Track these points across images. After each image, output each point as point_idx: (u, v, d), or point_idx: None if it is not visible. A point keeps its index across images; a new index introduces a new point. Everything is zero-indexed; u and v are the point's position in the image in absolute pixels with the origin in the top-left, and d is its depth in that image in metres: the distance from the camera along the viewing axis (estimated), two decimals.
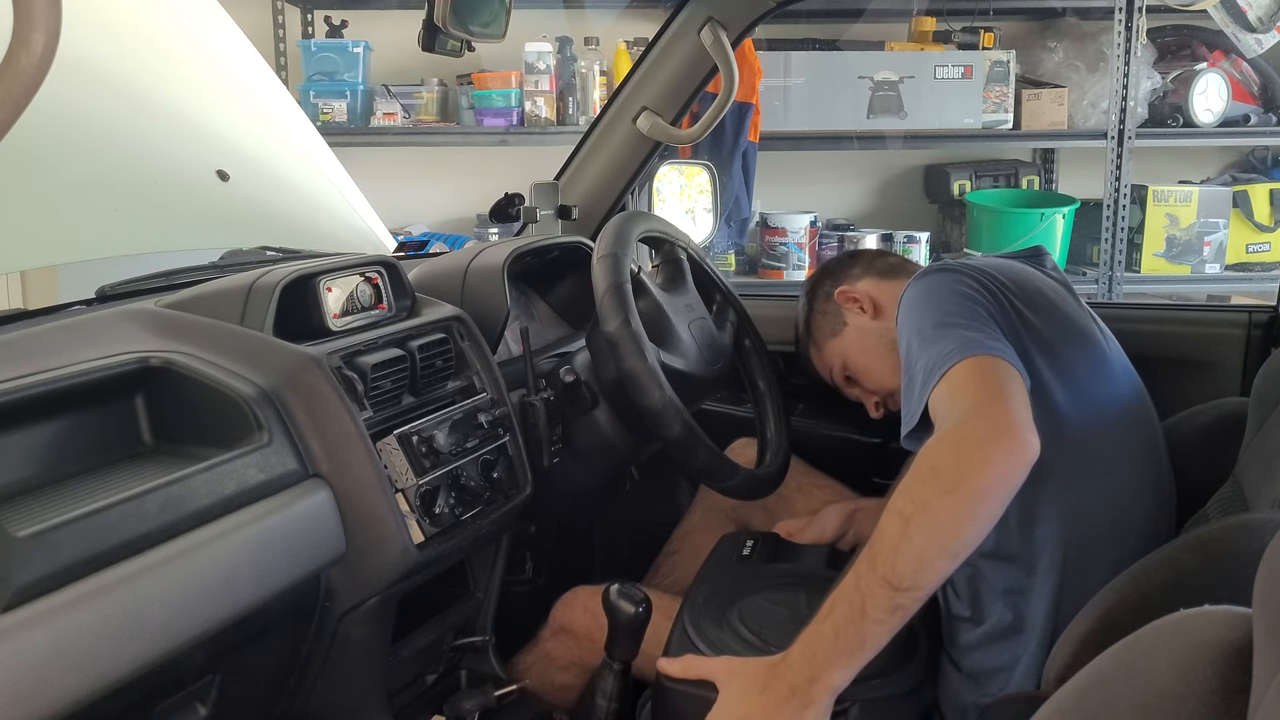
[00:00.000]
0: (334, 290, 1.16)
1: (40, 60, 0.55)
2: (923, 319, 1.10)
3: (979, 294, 1.11)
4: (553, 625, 1.36)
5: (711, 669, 1.03)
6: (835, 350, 1.47)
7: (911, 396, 1.06)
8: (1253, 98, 3.26)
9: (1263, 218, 3.28)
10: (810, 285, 1.54)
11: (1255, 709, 0.53)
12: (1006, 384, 0.98)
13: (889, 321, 1.37)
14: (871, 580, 0.92)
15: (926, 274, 1.17)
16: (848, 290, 1.45)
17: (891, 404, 1.43)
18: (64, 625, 0.75)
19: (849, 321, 1.45)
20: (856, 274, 1.48)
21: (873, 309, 1.43)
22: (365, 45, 3.21)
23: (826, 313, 1.48)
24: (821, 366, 1.51)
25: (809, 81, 3.12)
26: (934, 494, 0.92)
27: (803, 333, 1.53)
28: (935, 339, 1.05)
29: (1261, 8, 2.80)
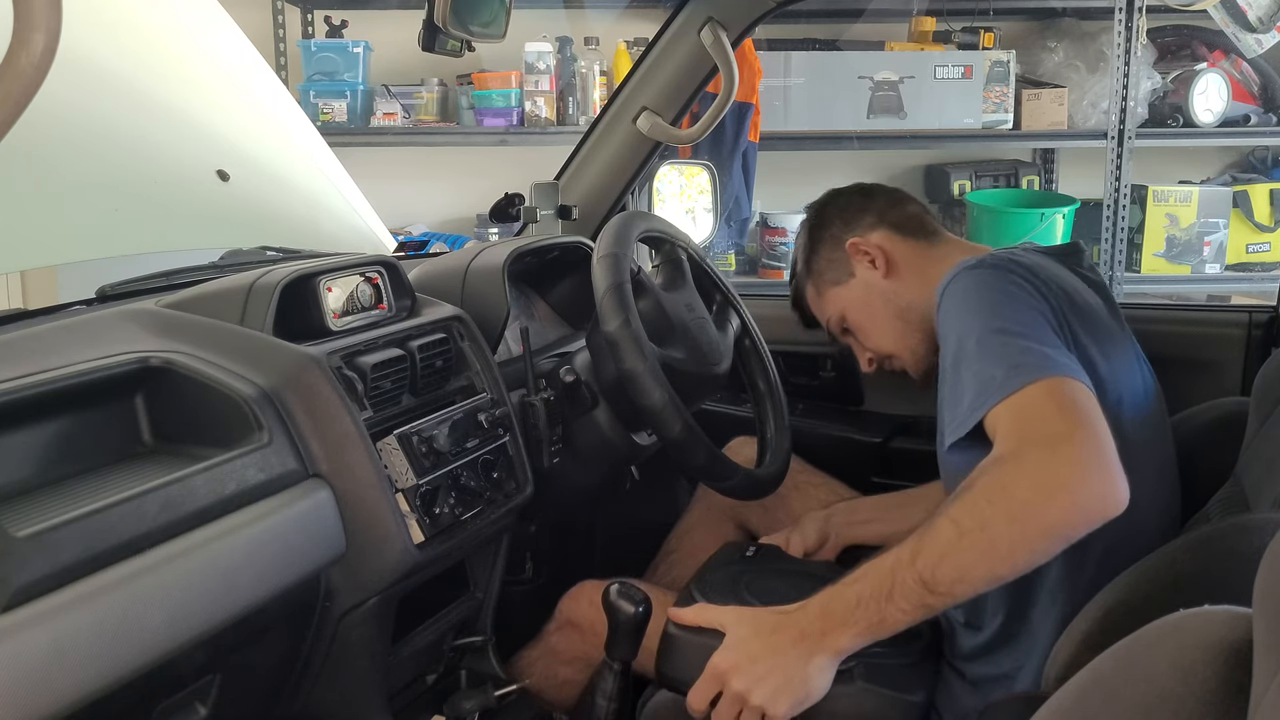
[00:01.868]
0: (334, 290, 1.16)
1: (40, 60, 0.55)
2: (978, 321, 1.04)
3: (1037, 299, 1.05)
4: (558, 619, 1.36)
5: (722, 615, 1.02)
6: (837, 300, 1.41)
7: (960, 404, 1.00)
8: (1253, 98, 3.26)
9: (1263, 218, 3.28)
10: (815, 222, 1.44)
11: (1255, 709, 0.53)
12: (1094, 416, 0.92)
13: (900, 283, 1.34)
14: (908, 573, 0.92)
15: (977, 267, 1.10)
16: (860, 243, 1.36)
17: (888, 365, 1.40)
18: (64, 625, 0.75)
19: (857, 274, 1.37)
20: (869, 223, 1.39)
21: (885, 266, 1.35)
22: (365, 45, 3.21)
23: (833, 260, 1.40)
24: (818, 311, 1.46)
25: (809, 81, 3.12)
26: (997, 517, 0.89)
27: (801, 270, 1.45)
28: (997, 348, 0.99)
29: (1261, 8, 2.80)
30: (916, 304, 1.31)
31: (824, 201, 1.47)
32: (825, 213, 1.44)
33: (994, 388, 0.96)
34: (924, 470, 1.59)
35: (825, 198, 1.48)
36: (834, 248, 1.39)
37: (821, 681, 0.96)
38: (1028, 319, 1.02)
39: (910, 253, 1.36)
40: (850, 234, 1.38)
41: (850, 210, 1.42)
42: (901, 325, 1.35)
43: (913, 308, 1.33)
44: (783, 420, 1.50)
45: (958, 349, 1.04)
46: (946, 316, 1.09)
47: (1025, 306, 1.04)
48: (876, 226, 1.38)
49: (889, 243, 1.36)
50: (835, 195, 1.46)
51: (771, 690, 0.95)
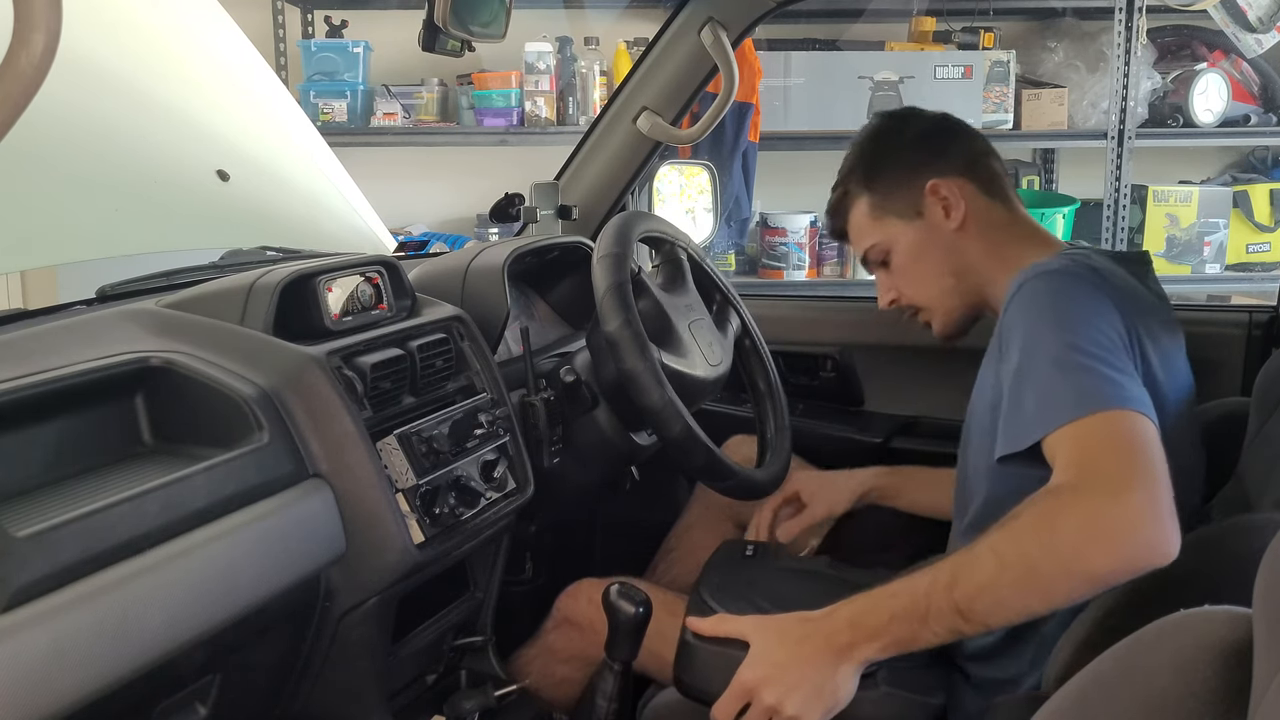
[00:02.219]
0: (334, 290, 1.16)
1: (40, 60, 0.55)
2: (1053, 334, 1.00)
3: (1114, 315, 1.03)
4: (556, 617, 1.36)
5: (742, 625, 1.01)
6: (891, 232, 1.28)
7: (1020, 417, 0.98)
8: (1253, 98, 3.26)
9: (1263, 218, 3.28)
10: (891, 136, 1.31)
11: (1255, 709, 0.53)
12: (1157, 462, 0.90)
13: (967, 242, 1.25)
14: (944, 599, 0.91)
15: (1059, 273, 1.06)
16: (942, 185, 1.24)
17: (910, 312, 1.32)
18: (63, 625, 0.75)
19: (925, 215, 1.26)
20: (955, 165, 1.26)
21: (960, 220, 1.24)
22: (365, 45, 3.21)
23: (903, 189, 1.27)
24: (859, 231, 1.32)
25: (809, 81, 3.12)
26: (1043, 556, 0.88)
27: (857, 182, 1.31)
28: (1069, 367, 0.97)
29: (1261, 8, 2.80)
30: (974, 268, 1.25)
31: (905, 116, 1.35)
32: (907, 131, 1.31)
33: (1060, 409, 0.94)
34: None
35: (906, 113, 1.35)
36: (910, 176, 1.26)
37: (849, 688, 0.95)
38: (1104, 340, 0.99)
39: (986, 214, 1.26)
40: (932, 170, 1.25)
41: (936, 141, 1.29)
42: (950, 284, 1.27)
43: (969, 271, 1.25)
44: (783, 420, 1.50)
45: (1026, 357, 1.01)
46: (1019, 317, 1.05)
47: (1104, 324, 1.01)
48: (962, 172, 1.27)
49: (970, 196, 1.25)
50: (919, 116, 1.34)
51: (803, 700, 0.94)
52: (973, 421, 1.19)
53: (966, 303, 1.28)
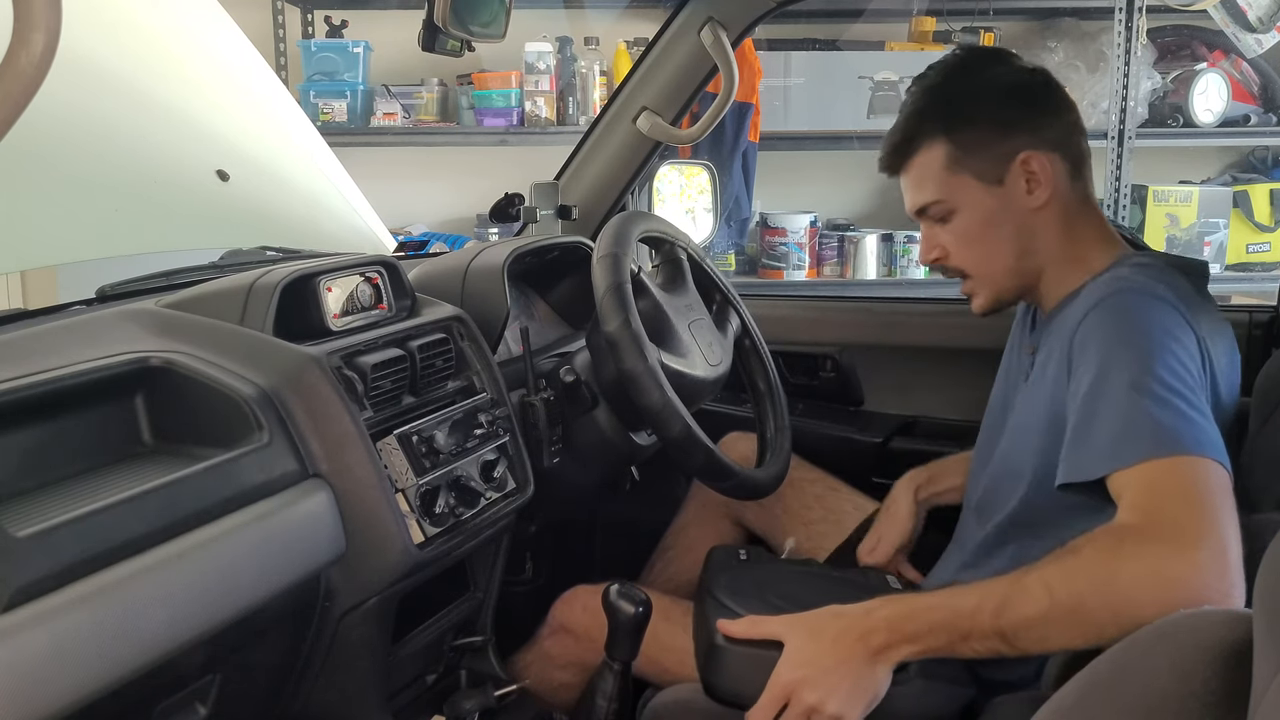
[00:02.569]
0: (334, 290, 1.16)
1: (40, 60, 0.55)
2: (1135, 361, 0.97)
3: (1194, 345, 1.00)
4: (551, 624, 1.36)
5: (775, 626, 1.01)
6: (961, 192, 1.16)
7: (1089, 447, 0.96)
8: (1253, 98, 3.26)
9: (1263, 218, 3.28)
10: (981, 81, 1.18)
11: (1255, 709, 0.53)
12: (1226, 513, 0.88)
13: (1043, 224, 1.15)
14: (989, 623, 0.91)
15: (1141, 294, 1.02)
16: (1035, 160, 1.13)
17: (953, 277, 1.22)
18: (63, 625, 0.75)
19: (1006, 184, 1.14)
20: (1053, 139, 1.15)
21: (1043, 200, 1.14)
22: (365, 45, 3.21)
23: (991, 152, 1.15)
24: (923, 180, 1.18)
25: (809, 81, 3.12)
26: (1096, 601, 0.87)
27: (936, 125, 1.16)
28: (1149, 403, 0.94)
29: (1261, 8, 2.80)
30: (1040, 253, 1.16)
31: (1001, 58, 1.21)
32: (1003, 80, 1.18)
33: (1134, 446, 0.93)
34: None
35: (1000, 54, 1.22)
36: (1000, 137, 1.15)
37: (886, 683, 0.96)
38: (1185, 374, 0.97)
39: (1068, 198, 1.16)
40: (1027, 137, 1.14)
41: (1040, 105, 1.17)
42: (1012, 264, 1.18)
43: (1035, 254, 1.17)
44: (783, 420, 1.50)
45: (1101, 382, 0.98)
46: (1096, 336, 1.01)
47: (1185, 355, 0.99)
48: (1056, 147, 1.15)
49: (1059, 175, 1.15)
50: (1016, 64, 1.21)
51: (845, 698, 0.95)
52: (1012, 423, 1.16)
53: (1020, 285, 1.19)
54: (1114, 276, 1.09)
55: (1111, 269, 1.13)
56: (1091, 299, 1.06)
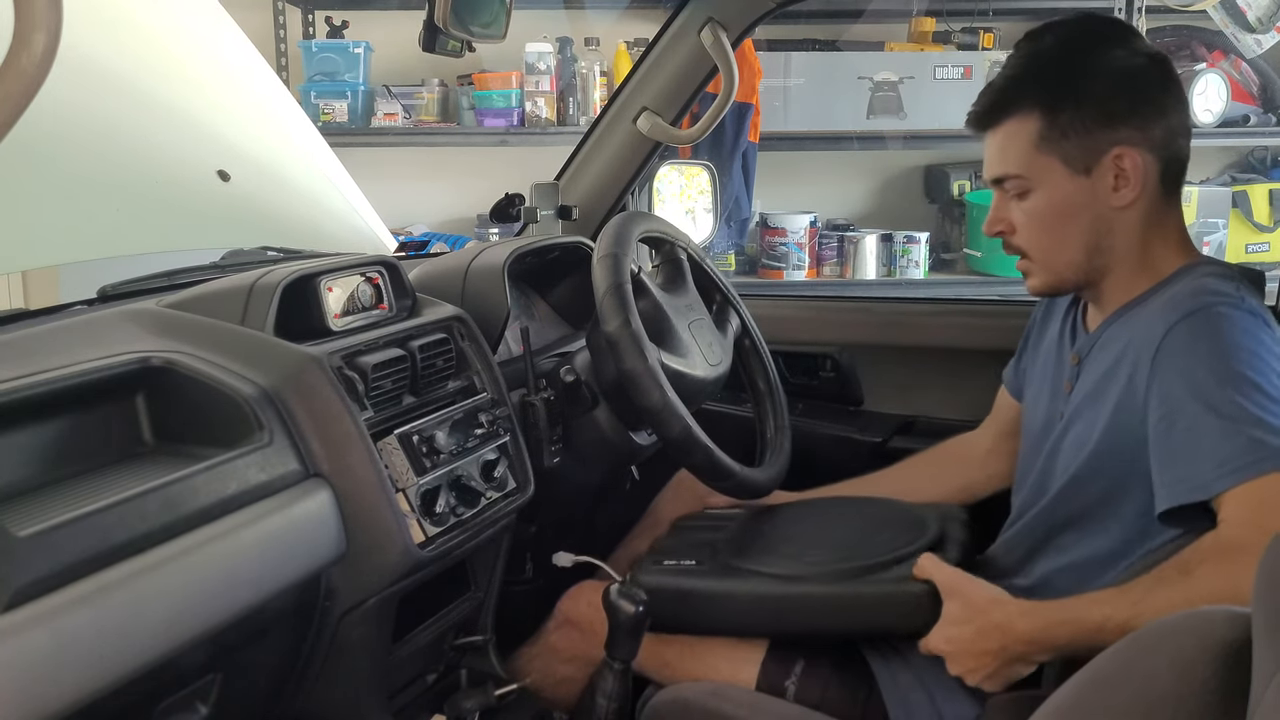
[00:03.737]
0: (335, 290, 1.16)
1: (41, 60, 0.55)
2: (1239, 379, 0.96)
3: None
4: (558, 618, 1.36)
5: (946, 575, 1.07)
6: (1046, 173, 1.11)
7: (1191, 469, 0.97)
8: (1252, 98, 3.26)
9: (1262, 218, 3.28)
10: (1097, 62, 1.10)
11: (1255, 709, 0.53)
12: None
13: (1123, 223, 1.11)
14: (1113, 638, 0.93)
15: (1234, 309, 1.01)
16: (1129, 157, 1.09)
17: (1014, 254, 1.18)
18: (64, 625, 0.75)
19: (1093, 177, 1.10)
20: (1155, 138, 1.10)
21: (1131, 198, 1.10)
22: (366, 46, 3.21)
23: (1089, 138, 1.09)
24: (1007, 151, 1.13)
25: (809, 82, 3.12)
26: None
27: (1033, 97, 1.10)
28: (1247, 420, 0.94)
29: (1261, 8, 2.80)
30: (1112, 252, 1.12)
31: (1124, 37, 1.13)
32: (1118, 64, 1.11)
33: (1246, 463, 0.94)
34: None
35: (1123, 32, 1.15)
36: (1100, 126, 1.09)
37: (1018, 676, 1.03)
38: (1276, 389, 0.96)
39: (1154, 204, 1.12)
40: (1127, 132, 1.09)
41: (1152, 100, 1.11)
42: (1079, 258, 1.13)
43: (1107, 253, 1.12)
44: (783, 420, 1.50)
45: (1194, 401, 0.98)
46: (1193, 349, 1.00)
47: (1273, 372, 0.98)
48: (1155, 149, 1.10)
49: (1150, 178, 1.10)
50: (1135, 45, 1.13)
51: (982, 681, 1.03)
52: (1070, 434, 1.15)
53: (1083, 279, 1.15)
54: (1198, 288, 1.06)
55: (1185, 277, 1.11)
56: (1174, 310, 1.04)
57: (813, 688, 1.15)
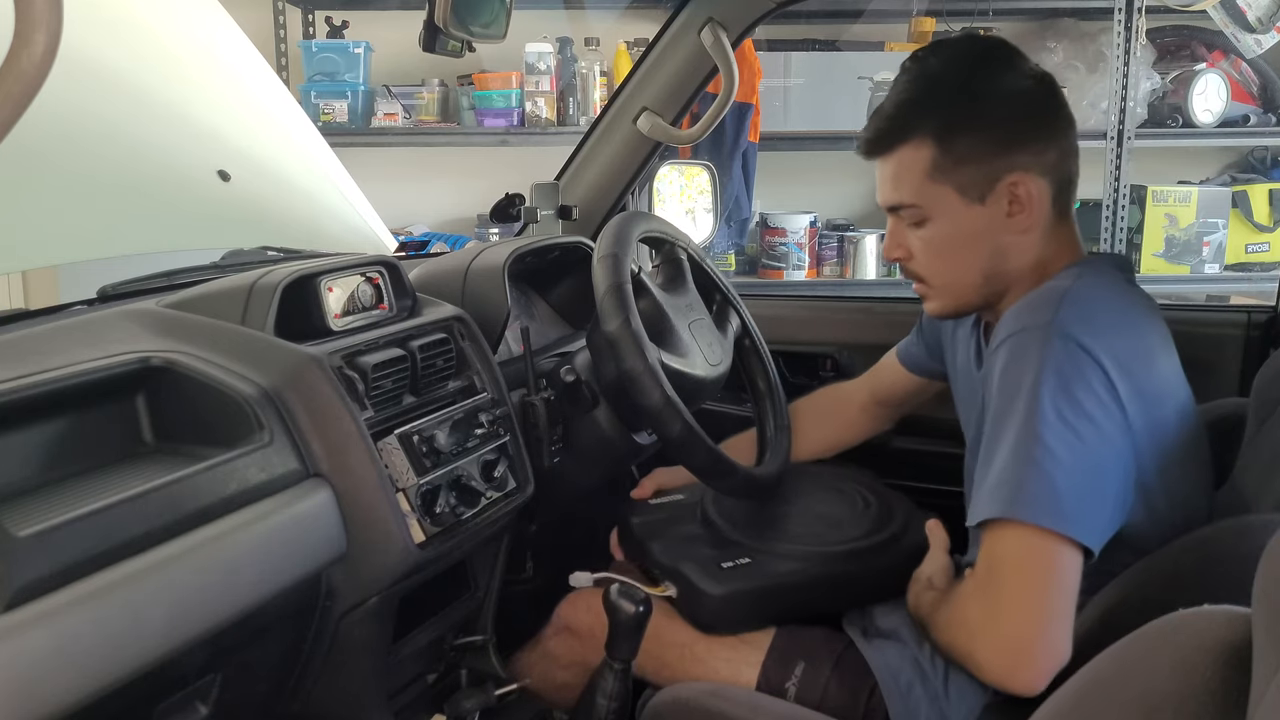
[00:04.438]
0: (335, 290, 1.16)
1: (42, 60, 0.55)
2: (1021, 419, 0.98)
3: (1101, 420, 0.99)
4: (556, 624, 1.36)
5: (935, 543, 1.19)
6: (940, 202, 1.10)
7: (978, 490, 1.02)
8: (1252, 98, 3.26)
9: (1262, 218, 3.28)
10: (987, 90, 1.09)
11: (1255, 709, 0.53)
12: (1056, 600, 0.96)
13: (1017, 247, 1.11)
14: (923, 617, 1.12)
15: (1055, 345, 0.99)
16: (1023, 184, 1.08)
17: (910, 279, 1.19)
18: (64, 625, 0.75)
19: (987, 205, 1.09)
20: (1047, 162, 1.09)
21: (1027, 225, 1.10)
22: (366, 46, 3.21)
23: (983, 167, 1.08)
24: (901, 181, 1.11)
25: (809, 82, 3.12)
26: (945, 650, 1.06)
27: (923, 127, 1.09)
28: (1023, 465, 0.97)
29: (1261, 8, 2.80)
30: (1009, 275, 1.13)
31: (1009, 63, 1.11)
32: (1008, 93, 1.10)
33: (995, 502, 0.99)
34: (925, 470, 1.60)
35: (1009, 57, 1.12)
36: (993, 155, 1.08)
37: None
38: (1070, 433, 0.98)
39: (1046, 223, 1.11)
40: (1022, 159, 1.08)
41: (1043, 125, 1.10)
42: (977, 281, 1.14)
43: (1004, 276, 1.13)
44: (783, 420, 1.50)
45: (995, 426, 1.02)
46: (998, 379, 1.03)
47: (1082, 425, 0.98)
48: (1048, 173, 1.10)
49: (1045, 202, 1.10)
50: (1023, 70, 1.12)
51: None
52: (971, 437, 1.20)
53: (981, 303, 1.17)
54: (1030, 299, 1.07)
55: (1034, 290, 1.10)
56: (1005, 326, 1.06)
57: (813, 689, 1.15)
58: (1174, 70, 3.21)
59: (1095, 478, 0.99)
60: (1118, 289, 1.12)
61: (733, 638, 1.21)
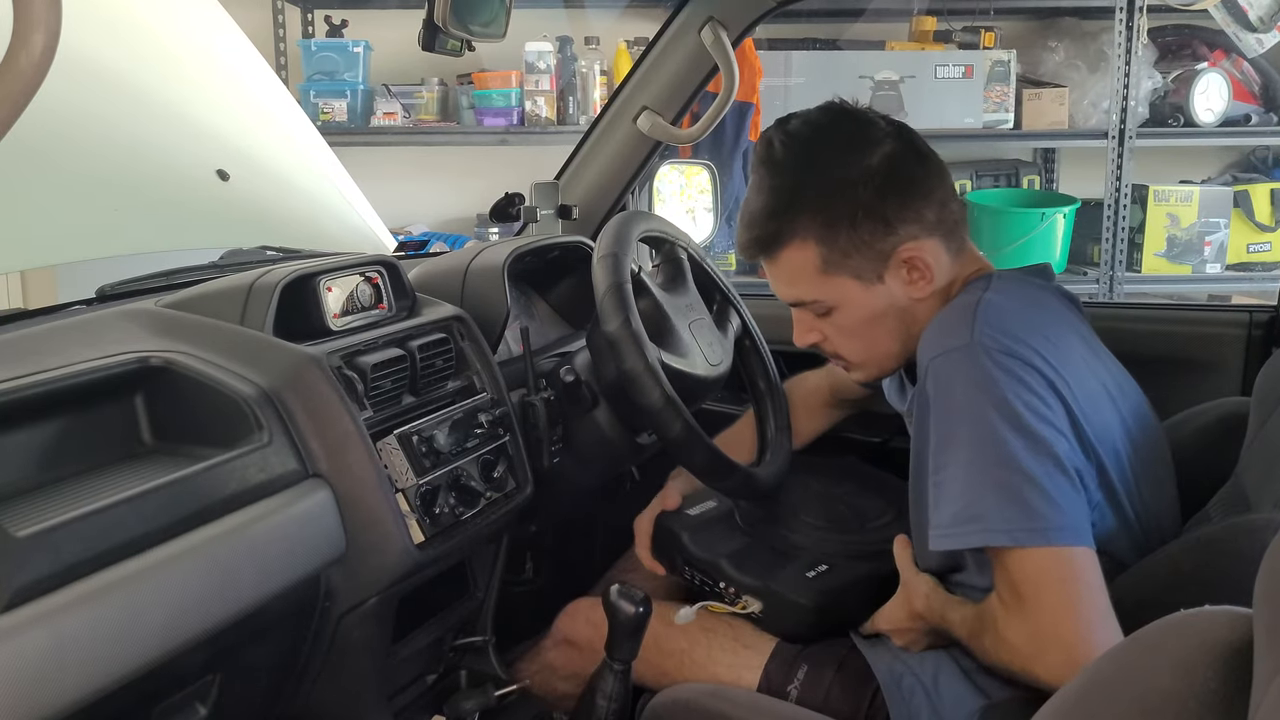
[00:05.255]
0: (334, 290, 1.16)
1: (40, 59, 0.55)
2: (981, 442, 0.97)
3: (1050, 416, 0.98)
4: (555, 636, 1.35)
5: (904, 568, 1.14)
6: (839, 291, 1.11)
7: (947, 508, 0.99)
8: (1253, 97, 3.26)
9: (1263, 217, 3.28)
10: (853, 180, 1.07)
11: (1256, 710, 0.53)
12: (1088, 604, 0.94)
13: (923, 305, 1.12)
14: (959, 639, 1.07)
15: (982, 359, 0.98)
16: (916, 254, 1.08)
17: (833, 360, 1.22)
18: (64, 625, 0.75)
19: (886, 282, 1.10)
20: (929, 222, 1.09)
21: (925, 291, 1.10)
22: (365, 45, 3.21)
23: (872, 250, 1.08)
24: (794, 279, 1.13)
25: (809, 81, 3.12)
26: (1005, 670, 1.01)
27: (804, 227, 1.09)
28: (1003, 485, 0.96)
29: (1262, 7, 2.79)
30: (922, 324, 1.12)
31: (871, 141, 1.09)
32: (877, 173, 1.08)
33: (987, 530, 0.97)
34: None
35: (867, 134, 1.09)
36: (880, 236, 1.08)
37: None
38: (1040, 454, 0.97)
39: (945, 268, 1.12)
40: (908, 230, 1.08)
41: (918, 187, 1.09)
42: (897, 349, 1.16)
43: (917, 331, 1.11)
44: (783, 420, 1.50)
45: (944, 450, 1.00)
46: (930, 405, 1.01)
47: (1038, 428, 0.97)
48: (934, 231, 1.10)
49: (936, 257, 1.10)
50: (897, 147, 1.09)
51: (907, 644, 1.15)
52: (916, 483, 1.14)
53: (902, 362, 1.19)
54: (942, 319, 1.06)
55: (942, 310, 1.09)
56: (926, 349, 1.04)
57: (815, 692, 1.15)
58: (1175, 69, 3.20)
59: (1063, 475, 0.98)
60: (1028, 294, 1.11)
61: (734, 643, 1.21)
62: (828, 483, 1.44)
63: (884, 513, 1.35)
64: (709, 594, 1.28)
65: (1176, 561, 0.99)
